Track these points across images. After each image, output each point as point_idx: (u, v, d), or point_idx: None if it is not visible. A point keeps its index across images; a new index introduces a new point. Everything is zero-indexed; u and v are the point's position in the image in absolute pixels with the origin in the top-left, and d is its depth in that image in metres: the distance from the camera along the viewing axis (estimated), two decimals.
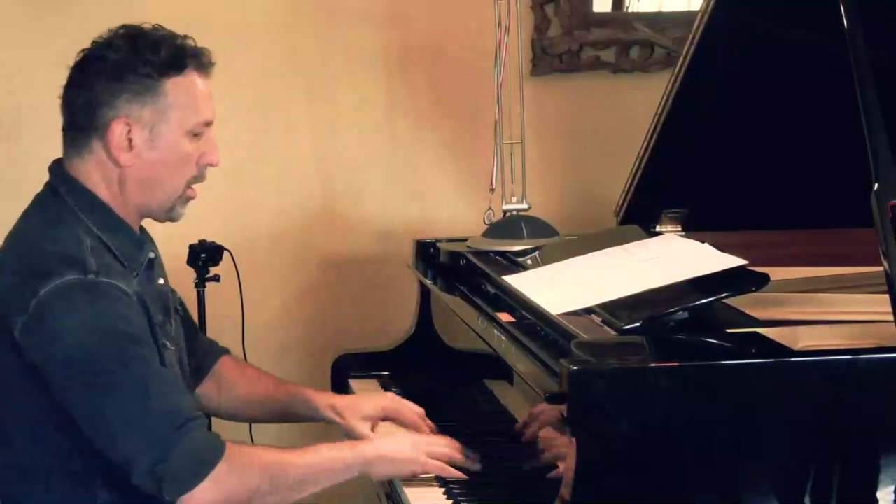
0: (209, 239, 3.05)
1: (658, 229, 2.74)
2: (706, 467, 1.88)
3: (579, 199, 3.47)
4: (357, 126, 3.44)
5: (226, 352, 2.54)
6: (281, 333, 3.45)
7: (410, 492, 2.20)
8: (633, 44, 3.51)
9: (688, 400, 1.87)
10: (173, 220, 2.24)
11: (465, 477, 2.21)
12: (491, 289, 2.61)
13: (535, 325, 2.27)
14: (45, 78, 2.94)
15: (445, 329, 2.87)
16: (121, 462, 2.04)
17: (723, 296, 2.16)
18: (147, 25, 2.20)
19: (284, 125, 3.41)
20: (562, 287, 2.35)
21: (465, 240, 2.96)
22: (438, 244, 3.01)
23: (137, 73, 2.12)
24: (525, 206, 2.98)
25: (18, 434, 2.14)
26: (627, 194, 2.81)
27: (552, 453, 2.05)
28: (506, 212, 2.98)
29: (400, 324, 3.08)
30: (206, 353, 2.50)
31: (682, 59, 2.57)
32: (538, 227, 2.90)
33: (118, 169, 2.15)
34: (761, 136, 2.62)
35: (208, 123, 2.19)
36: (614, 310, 2.15)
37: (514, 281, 2.49)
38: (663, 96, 2.63)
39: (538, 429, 2.12)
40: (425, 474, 2.21)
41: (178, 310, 2.37)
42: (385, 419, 2.44)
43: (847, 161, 2.10)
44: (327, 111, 3.43)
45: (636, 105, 3.09)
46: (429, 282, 2.94)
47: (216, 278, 3.08)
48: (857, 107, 1.99)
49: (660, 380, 1.87)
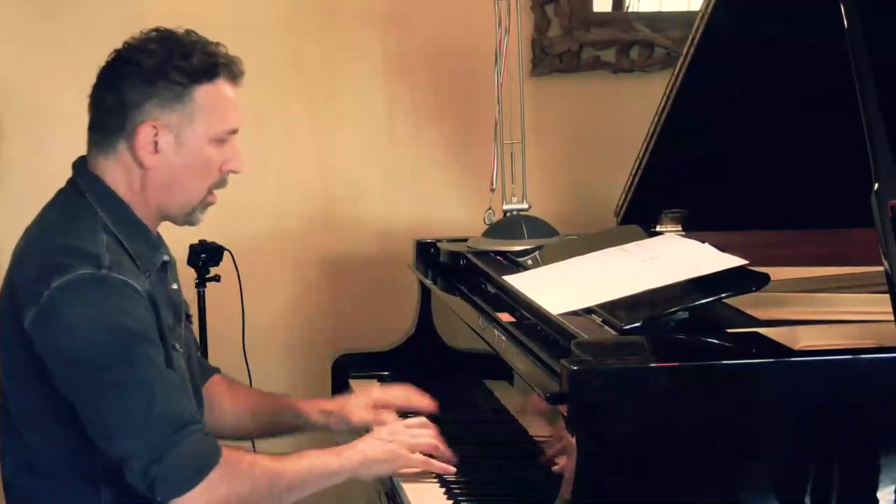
0: (209, 239, 3.05)
1: (658, 229, 2.74)
2: (706, 467, 1.88)
3: (579, 199, 3.47)
4: (357, 126, 3.45)
5: (216, 371, 2.55)
6: (281, 333, 3.45)
7: (411, 492, 2.20)
8: (633, 44, 3.51)
9: (688, 400, 1.87)
10: (192, 224, 2.26)
11: (454, 470, 2.22)
12: (491, 289, 2.61)
13: (535, 325, 2.26)
14: (46, 78, 2.96)
15: (445, 329, 2.87)
16: (116, 459, 2.05)
17: (723, 296, 2.16)
18: (180, 30, 2.21)
19: (284, 125, 3.42)
20: (562, 287, 2.35)
21: (465, 240, 2.96)
22: (438, 244, 3.01)
23: (169, 79, 2.14)
24: (525, 206, 2.99)
25: (26, 428, 2.16)
26: (627, 194, 2.81)
27: (552, 453, 2.05)
28: (506, 212, 2.98)
29: (400, 324, 3.08)
30: (197, 371, 2.49)
31: (682, 59, 2.57)
32: (538, 227, 2.90)
33: (141, 170, 2.17)
34: (761, 135, 2.63)
35: (234, 131, 2.22)
36: (614, 310, 2.15)
37: (514, 281, 2.49)
38: (663, 96, 2.63)
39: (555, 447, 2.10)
40: (412, 469, 2.22)
41: (189, 317, 2.38)
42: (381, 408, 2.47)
43: (847, 161, 2.10)
44: (327, 111, 3.43)
45: (636, 105, 3.10)
46: (429, 282, 2.94)
47: (216, 278, 3.08)
48: (857, 107, 1.99)
49: (660, 380, 1.87)
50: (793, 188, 2.68)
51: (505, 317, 2.40)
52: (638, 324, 2.07)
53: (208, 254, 3.05)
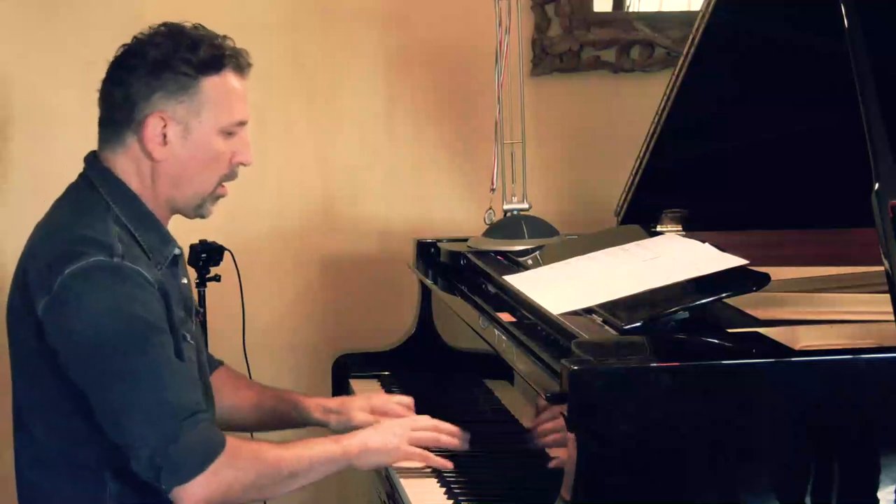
0: (209, 239, 3.05)
1: (658, 229, 2.74)
2: (706, 467, 1.88)
3: (579, 199, 3.47)
4: (357, 126, 3.45)
5: (220, 363, 2.56)
6: (281, 333, 3.45)
7: (411, 492, 2.20)
8: (633, 44, 3.51)
9: (688, 400, 1.87)
10: (203, 216, 2.28)
11: (450, 465, 2.22)
12: (491, 289, 2.61)
13: (535, 324, 2.27)
14: (46, 78, 2.96)
15: (446, 329, 2.87)
16: (123, 447, 2.07)
17: (723, 296, 2.16)
18: (188, 24, 2.23)
19: (284, 125, 3.41)
20: (562, 287, 2.35)
21: (465, 240, 2.96)
22: (439, 244, 3.01)
23: (175, 70, 2.16)
24: (525, 205, 2.99)
25: (35, 419, 2.18)
26: (628, 194, 2.81)
27: (552, 453, 2.05)
28: (506, 212, 2.98)
29: (400, 324, 3.09)
30: (206, 367, 2.50)
31: (682, 59, 2.57)
32: (538, 227, 2.90)
33: (151, 163, 2.19)
34: (762, 135, 2.63)
35: (242, 123, 2.24)
36: (614, 310, 2.15)
37: (514, 281, 2.49)
38: (663, 96, 2.64)
39: (542, 433, 2.11)
40: (409, 461, 2.23)
41: (199, 312, 2.39)
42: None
43: (847, 161, 2.10)
44: (327, 111, 3.43)
45: (636, 105, 3.10)
46: (429, 282, 2.94)
47: (216, 278, 3.09)
48: (857, 106, 1.99)
49: (660, 380, 1.87)
50: (793, 188, 2.68)
51: (505, 317, 2.40)
52: (638, 324, 2.07)
53: (209, 254, 3.05)
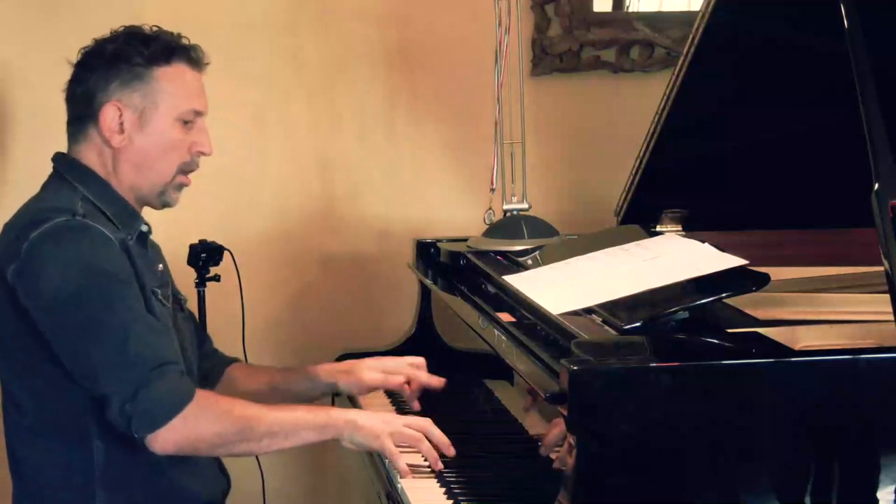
0: (209, 239, 3.05)
1: (658, 229, 2.74)
2: (706, 467, 1.88)
3: (579, 199, 3.47)
4: (357, 126, 3.45)
5: (235, 360, 2.63)
6: (281, 333, 3.45)
7: (410, 491, 2.20)
8: (633, 44, 3.51)
9: (688, 400, 1.87)
10: (168, 205, 2.35)
11: (428, 469, 2.23)
12: (491, 289, 2.61)
13: (535, 324, 2.27)
14: (47, 78, 2.94)
15: (446, 329, 2.87)
16: (100, 398, 2.13)
17: (723, 296, 2.16)
18: (147, 26, 2.32)
19: (284, 125, 3.42)
20: (562, 287, 2.35)
21: (465, 240, 2.96)
22: (439, 244, 3.01)
23: (130, 62, 2.27)
24: (525, 205, 2.98)
25: (20, 389, 2.24)
26: (628, 194, 2.81)
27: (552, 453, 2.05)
28: (506, 212, 2.98)
29: (400, 324, 3.09)
30: (218, 360, 2.59)
31: (682, 59, 2.57)
32: (538, 227, 2.90)
33: (111, 150, 2.29)
34: (761, 135, 2.63)
35: (199, 113, 2.32)
36: (614, 310, 2.15)
37: (514, 281, 2.49)
38: (663, 96, 2.63)
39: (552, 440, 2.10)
40: (385, 454, 2.23)
41: (183, 301, 2.44)
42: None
43: (847, 161, 2.10)
44: (327, 111, 3.43)
45: (636, 105, 3.10)
46: (429, 282, 2.94)
47: (216, 278, 3.09)
48: (857, 106, 1.99)
49: (660, 380, 1.87)
50: (793, 188, 2.68)
51: (505, 317, 2.40)
52: (638, 324, 2.07)
53: (208, 254, 3.05)
